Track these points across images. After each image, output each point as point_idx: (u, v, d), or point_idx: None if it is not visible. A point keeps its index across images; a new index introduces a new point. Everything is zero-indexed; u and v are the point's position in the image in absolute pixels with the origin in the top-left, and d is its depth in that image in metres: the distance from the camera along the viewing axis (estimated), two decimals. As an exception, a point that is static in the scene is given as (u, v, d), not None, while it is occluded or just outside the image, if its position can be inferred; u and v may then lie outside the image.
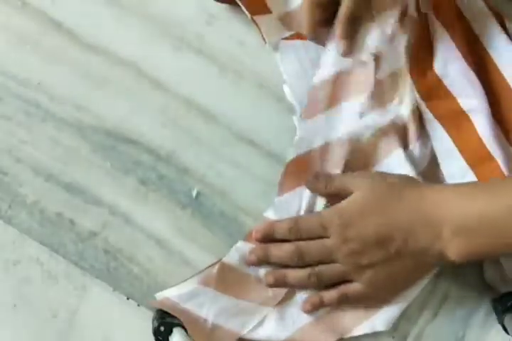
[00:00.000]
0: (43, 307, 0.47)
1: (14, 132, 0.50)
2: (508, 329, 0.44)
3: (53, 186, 0.49)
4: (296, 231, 0.44)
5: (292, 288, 0.45)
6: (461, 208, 0.41)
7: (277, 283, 0.45)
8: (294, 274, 0.45)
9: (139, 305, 0.47)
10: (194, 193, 0.49)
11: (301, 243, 0.44)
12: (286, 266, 0.45)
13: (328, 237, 0.44)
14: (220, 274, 0.45)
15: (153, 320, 0.45)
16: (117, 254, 0.48)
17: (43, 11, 0.52)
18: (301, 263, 0.44)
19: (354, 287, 0.44)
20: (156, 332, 0.43)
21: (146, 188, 0.49)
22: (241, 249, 0.46)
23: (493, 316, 0.46)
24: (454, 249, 0.41)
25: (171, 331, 0.43)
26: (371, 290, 0.44)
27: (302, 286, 0.45)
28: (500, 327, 0.45)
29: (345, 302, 0.45)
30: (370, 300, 0.45)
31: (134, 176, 0.49)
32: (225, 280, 0.45)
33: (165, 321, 0.44)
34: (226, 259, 0.45)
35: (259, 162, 0.49)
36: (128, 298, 0.47)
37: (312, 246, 0.44)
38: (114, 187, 0.49)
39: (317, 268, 0.44)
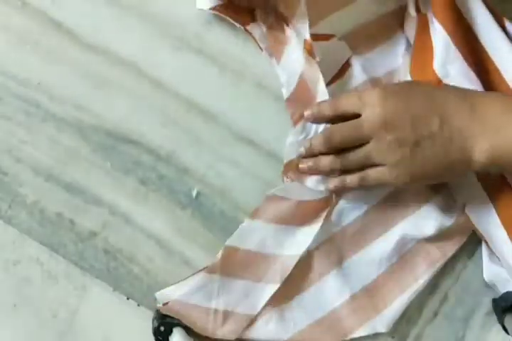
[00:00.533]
0: (43, 307, 0.47)
1: (14, 132, 0.50)
2: (508, 329, 0.44)
3: (53, 186, 0.49)
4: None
5: (322, 173, 0.47)
6: (504, 114, 0.42)
7: (311, 170, 0.47)
8: (324, 159, 0.46)
9: (139, 305, 0.47)
10: (194, 193, 0.49)
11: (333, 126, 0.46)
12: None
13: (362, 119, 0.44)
14: (224, 258, 0.46)
15: (153, 320, 0.45)
16: (117, 254, 0.48)
17: (43, 11, 0.52)
18: (330, 145, 0.46)
19: (377, 169, 0.44)
20: (156, 332, 0.43)
21: (146, 188, 0.49)
22: (246, 228, 0.46)
23: (493, 316, 0.46)
24: (483, 146, 0.41)
25: (171, 331, 0.43)
26: (393, 174, 0.44)
27: (331, 170, 0.46)
28: (500, 327, 0.45)
29: (365, 183, 0.45)
30: (390, 184, 0.45)
31: (134, 176, 0.49)
32: (230, 262, 0.46)
33: (165, 321, 0.44)
34: (229, 242, 0.46)
35: (259, 162, 0.49)
36: (128, 298, 0.47)
37: (344, 127, 0.45)
38: (114, 187, 0.49)
39: (345, 155, 0.45)
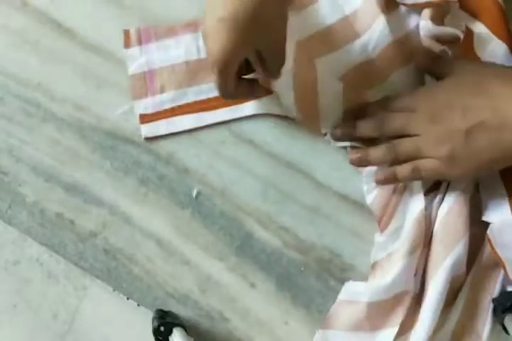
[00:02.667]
0: (43, 307, 0.47)
1: (14, 132, 0.50)
2: (508, 330, 0.44)
3: (53, 186, 0.49)
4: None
5: (372, 164, 0.47)
6: None
7: (361, 161, 0.47)
8: (374, 150, 0.46)
9: (139, 305, 0.47)
10: (194, 193, 0.49)
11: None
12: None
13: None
14: None
15: (153, 320, 0.45)
16: (117, 254, 0.48)
17: (43, 11, 0.52)
18: (380, 134, 0.46)
19: (428, 161, 0.44)
20: (156, 332, 0.43)
21: (146, 188, 0.49)
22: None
23: (494, 316, 0.46)
24: None
25: (171, 331, 0.43)
26: (446, 167, 0.43)
27: (381, 161, 0.46)
28: (500, 327, 0.45)
29: (418, 176, 0.44)
30: (444, 176, 0.45)
31: (134, 176, 0.49)
32: None
33: (165, 321, 0.44)
34: None
35: (259, 162, 0.49)
36: (128, 298, 0.47)
37: (392, 116, 0.45)
38: (114, 187, 0.49)
39: (394, 141, 0.45)
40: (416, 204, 0.46)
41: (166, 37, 0.51)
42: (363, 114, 0.47)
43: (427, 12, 0.48)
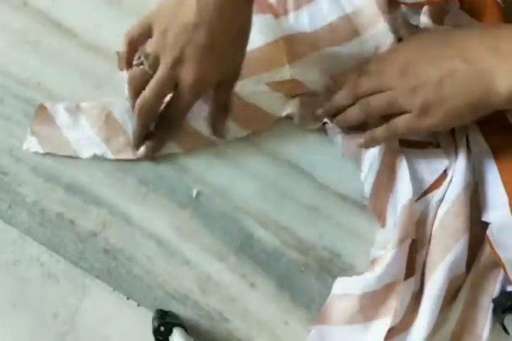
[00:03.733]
0: (43, 307, 0.47)
1: (14, 132, 0.50)
2: (508, 330, 0.44)
3: (53, 186, 0.49)
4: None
5: (347, 125, 0.47)
6: None
7: (343, 122, 0.47)
8: (350, 109, 0.46)
9: (139, 305, 0.47)
10: (194, 193, 0.49)
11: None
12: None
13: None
14: None
15: (153, 320, 0.45)
16: (117, 254, 0.48)
17: (43, 11, 0.52)
18: (355, 99, 0.46)
19: (404, 116, 0.44)
20: (156, 332, 0.43)
21: (146, 188, 0.49)
22: (315, 336, 0.45)
23: (494, 316, 0.46)
24: (506, 81, 0.40)
25: (171, 331, 0.43)
26: (420, 117, 0.43)
27: (355, 120, 0.47)
28: (500, 327, 0.45)
29: (395, 133, 0.45)
30: (420, 129, 0.45)
31: (134, 176, 0.49)
32: None
33: (165, 321, 0.44)
34: None
35: (259, 162, 0.49)
36: (128, 298, 0.47)
37: (363, 79, 0.46)
38: (114, 187, 0.49)
39: (368, 98, 0.45)
40: (404, 194, 0.46)
41: None
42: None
43: (426, 10, 0.48)
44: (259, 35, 0.49)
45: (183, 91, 0.44)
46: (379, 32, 0.49)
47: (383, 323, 0.44)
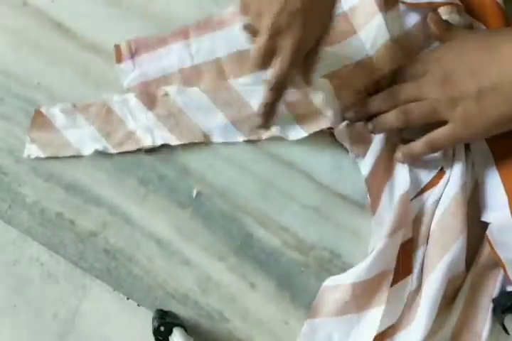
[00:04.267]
0: (43, 307, 0.47)
1: (14, 132, 0.50)
2: (508, 330, 0.44)
3: (53, 186, 0.49)
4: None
5: (382, 131, 0.47)
6: None
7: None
8: (384, 115, 0.46)
9: (139, 305, 0.47)
10: (194, 193, 0.49)
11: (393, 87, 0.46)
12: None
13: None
14: None
15: (153, 320, 0.45)
16: (117, 254, 0.48)
17: (43, 11, 0.52)
18: (393, 105, 0.45)
19: (442, 130, 0.44)
20: (156, 332, 0.43)
21: (146, 188, 0.49)
22: (308, 330, 0.45)
23: (493, 316, 0.46)
24: None
25: (171, 331, 0.43)
26: (461, 128, 0.43)
27: (392, 126, 0.46)
28: (500, 327, 0.45)
29: (434, 148, 0.45)
30: (460, 139, 0.45)
31: (134, 176, 0.49)
32: None
33: (165, 321, 0.44)
34: None
35: (259, 162, 0.49)
36: (128, 298, 0.47)
37: (402, 84, 0.45)
38: (114, 187, 0.49)
39: (407, 105, 0.45)
40: (400, 187, 0.46)
41: (157, 47, 0.50)
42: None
43: (454, 9, 0.48)
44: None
45: (284, 59, 0.42)
46: (375, 29, 0.49)
47: (376, 312, 0.44)
